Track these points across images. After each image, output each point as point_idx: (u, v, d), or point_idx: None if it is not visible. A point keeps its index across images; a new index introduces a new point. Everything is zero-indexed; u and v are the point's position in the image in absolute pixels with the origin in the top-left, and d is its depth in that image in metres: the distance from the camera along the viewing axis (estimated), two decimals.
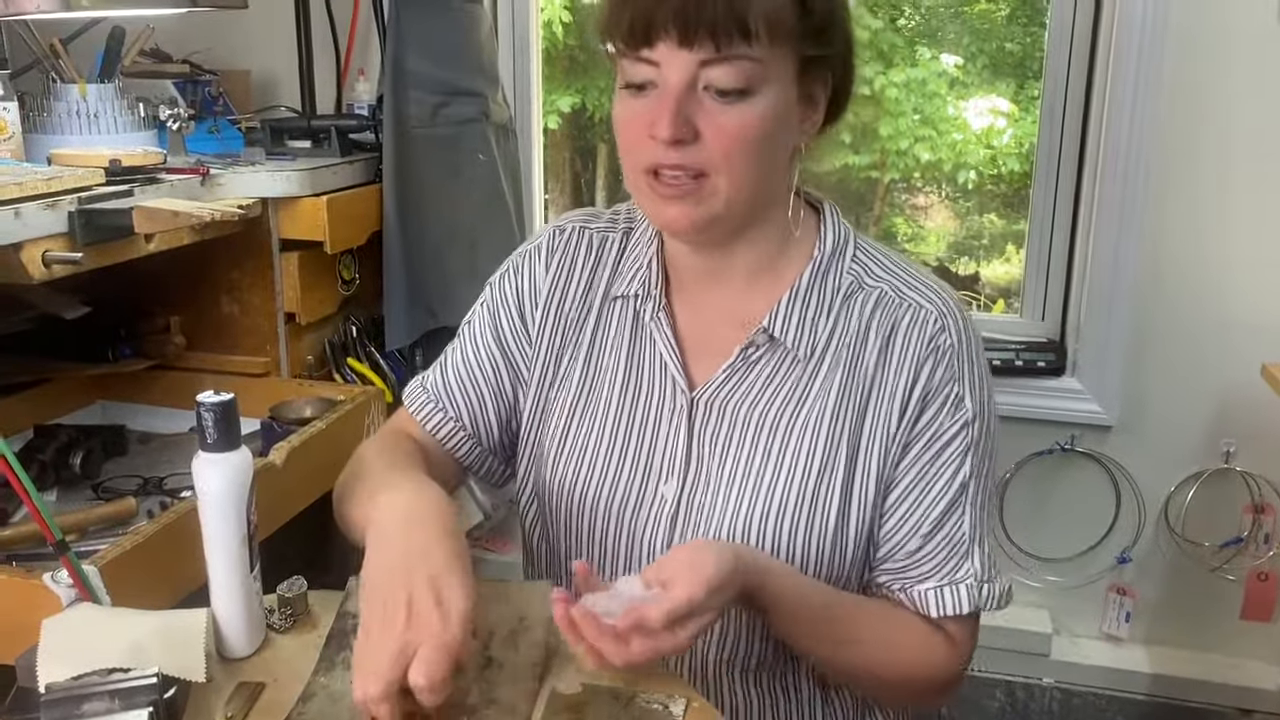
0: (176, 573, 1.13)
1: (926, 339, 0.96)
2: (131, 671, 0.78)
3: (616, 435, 1.01)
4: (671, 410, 1.00)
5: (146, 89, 1.81)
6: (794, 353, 0.97)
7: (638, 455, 1.00)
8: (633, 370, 1.02)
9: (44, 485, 1.48)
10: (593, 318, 1.05)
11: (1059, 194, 2.05)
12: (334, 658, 0.88)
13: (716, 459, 0.98)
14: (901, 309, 0.97)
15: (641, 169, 0.90)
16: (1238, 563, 2.05)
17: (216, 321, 1.74)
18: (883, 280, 0.99)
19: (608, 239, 1.06)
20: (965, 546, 0.96)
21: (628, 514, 1.00)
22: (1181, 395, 2.00)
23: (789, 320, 0.97)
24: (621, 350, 1.03)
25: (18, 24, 1.59)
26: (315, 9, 1.98)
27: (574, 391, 1.04)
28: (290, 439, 1.43)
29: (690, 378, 1.00)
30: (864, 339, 0.97)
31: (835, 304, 0.98)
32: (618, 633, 0.78)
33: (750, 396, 0.98)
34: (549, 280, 1.06)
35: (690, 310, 1.02)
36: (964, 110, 2.72)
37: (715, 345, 0.99)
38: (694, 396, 0.99)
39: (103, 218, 1.34)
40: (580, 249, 1.06)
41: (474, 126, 1.87)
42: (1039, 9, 2.46)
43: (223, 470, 0.87)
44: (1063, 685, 2.14)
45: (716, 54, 0.85)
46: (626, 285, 1.03)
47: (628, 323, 1.03)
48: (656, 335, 1.01)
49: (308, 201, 1.66)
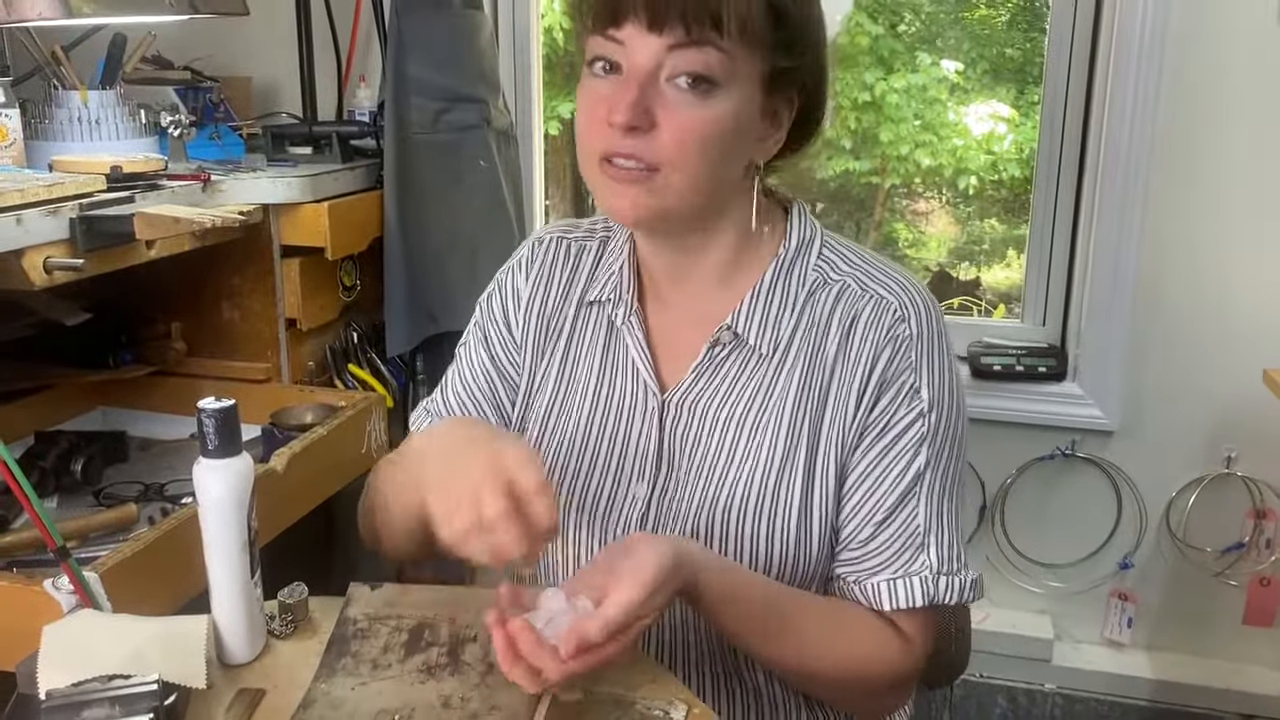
0: (177, 579, 1.13)
1: (885, 328, 0.95)
2: (132, 678, 0.78)
3: (589, 438, 1.02)
4: (643, 412, 1.01)
5: (148, 96, 1.82)
6: (758, 350, 0.97)
7: (609, 457, 1.01)
8: (605, 374, 1.04)
9: (45, 492, 1.48)
10: (568, 324, 1.06)
11: (1059, 199, 2.05)
12: (335, 664, 0.88)
13: (685, 458, 0.99)
14: (864, 300, 0.97)
15: (596, 155, 0.89)
16: (1239, 568, 2.05)
17: (217, 328, 1.74)
18: (846, 274, 0.99)
19: (585, 247, 1.08)
20: (920, 538, 0.95)
21: (599, 515, 1.01)
22: (1183, 400, 2.00)
23: (752, 318, 0.97)
24: (595, 355, 1.04)
25: (19, 31, 1.59)
26: (316, 15, 1.99)
27: (549, 397, 1.06)
28: (291, 445, 1.43)
29: (661, 379, 1.01)
30: (825, 331, 0.97)
31: (799, 300, 0.98)
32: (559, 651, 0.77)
33: (719, 396, 0.99)
34: (529, 289, 1.08)
35: (661, 313, 1.03)
36: (964, 116, 2.73)
37: (685, 346, 1.00)
38: (665, 398, 1.00)
39: (104, 224, 1.34)
40: (558, 257, 1.08)
41: (475, 133, 1.87)
42: (1039, 15, 2.46)
43: (224, 476, 0.86)
44: (1064, 691, 2.14)
45: (686, 38, 0.84)
46: (600, 290, 1.04)
47: (601, 328, 1.05)
48: (628, 338, 1.02)
49: (309, 208, 1.66)
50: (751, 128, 0.91)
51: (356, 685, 0.86)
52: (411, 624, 0.91)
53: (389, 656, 0.88)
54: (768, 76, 0.90)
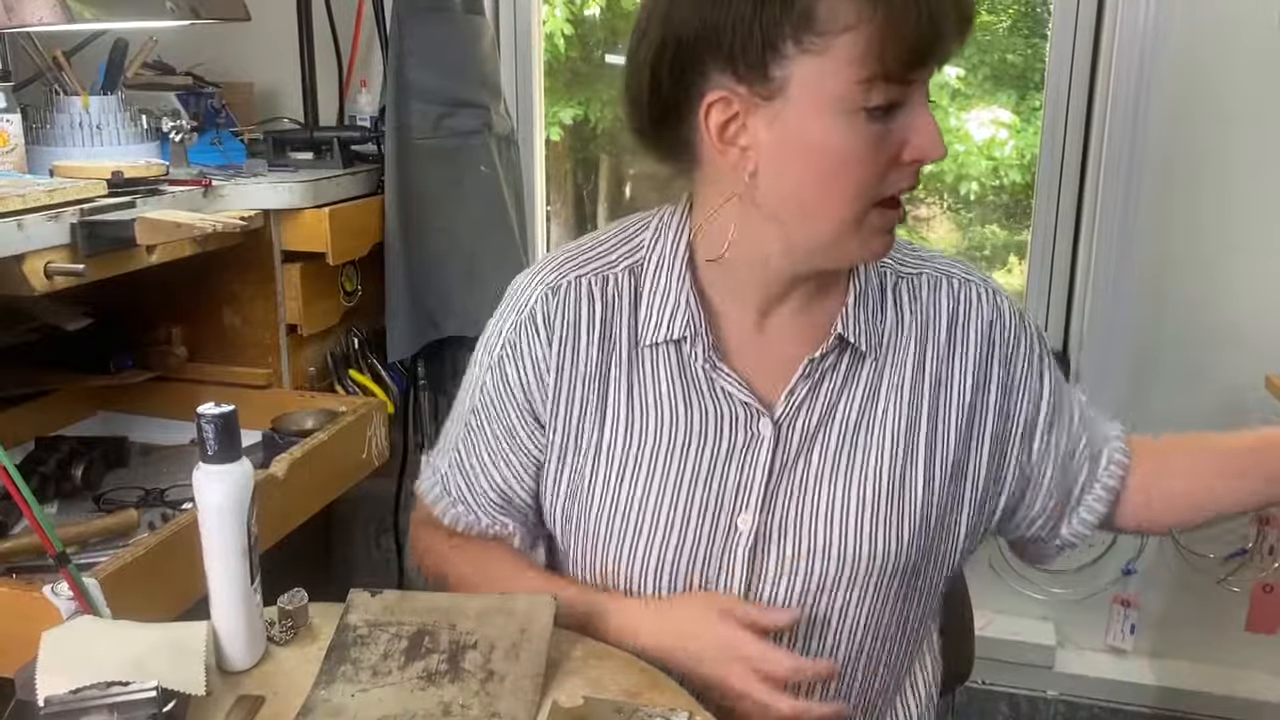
0: (177, 585, 1.12)
1: (988, 305, 1.00)
2: (131, 685, 0.78)
3: (683, 480, 0.97)
4: (747, 439, 0.96)
5: (149, 101, 1.82)
6: (860, 352, 0.97)
7: (707, 494, 0.96)
8: (684, 411, 0.97)
9: (45, 497, 1.47)
10: (623, 370, 0.98)
11: (1061, 205, 2.05)
12: (334, 671, 0.88)
13: (799, 477, 0.96)
14: (956, 286, 1.00)
15: (874, 199, 0.85)
16: (1243, 574, 2.04)
17: (218, 333, 1.74)
18: (921, 265, 1.01)
19: (610, 279, 0.99)
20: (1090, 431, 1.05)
21: (699, 559, 0.97)
22: (1185, 406, 1.99)
23: (858, 322, 0.96)
24: (667, 395, 0.97)
25: (21, 36, 1.59)
26: (318, 21, 1.99)
27: (614, 449, 0.98)
28: (292, 451, 1.43)
29: (763, 403, 0.96)
30: (930, 321, 0.99)
31: (886, 298, 0.99)
32: None
33: (827, 405, 0.97)
34: (556, 349, 0.98)
35: (740, 336, 0.98)
36: (966, 122, 2.73)
37: (776, 363, 0.97)
38: (778, 420, 0.96)
39: (105, 229, 1.34)
40: (583, 302, 0.98)
41: (476, 138, 1.87)
42: (1040, 20, 2.46)
43: (224, 482, 0.86)
44: (1067, 698, 2.13)
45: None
46: (665, 331, 0.96)
47: (672, 366, 0.97)
48: (715, 374, 0.96)
49: (310, 213, 1.66)
50: None
51: (356, 692, 0.85)
52: (411, 631, 0.91)
53: (389, 663, 0.88)
54: None
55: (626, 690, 0.86)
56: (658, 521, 0.97)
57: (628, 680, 0.88)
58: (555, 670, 0.88)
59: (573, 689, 0.86)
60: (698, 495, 0.97)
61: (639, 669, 0.90)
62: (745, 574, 0.96)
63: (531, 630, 0.90)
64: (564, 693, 0.86)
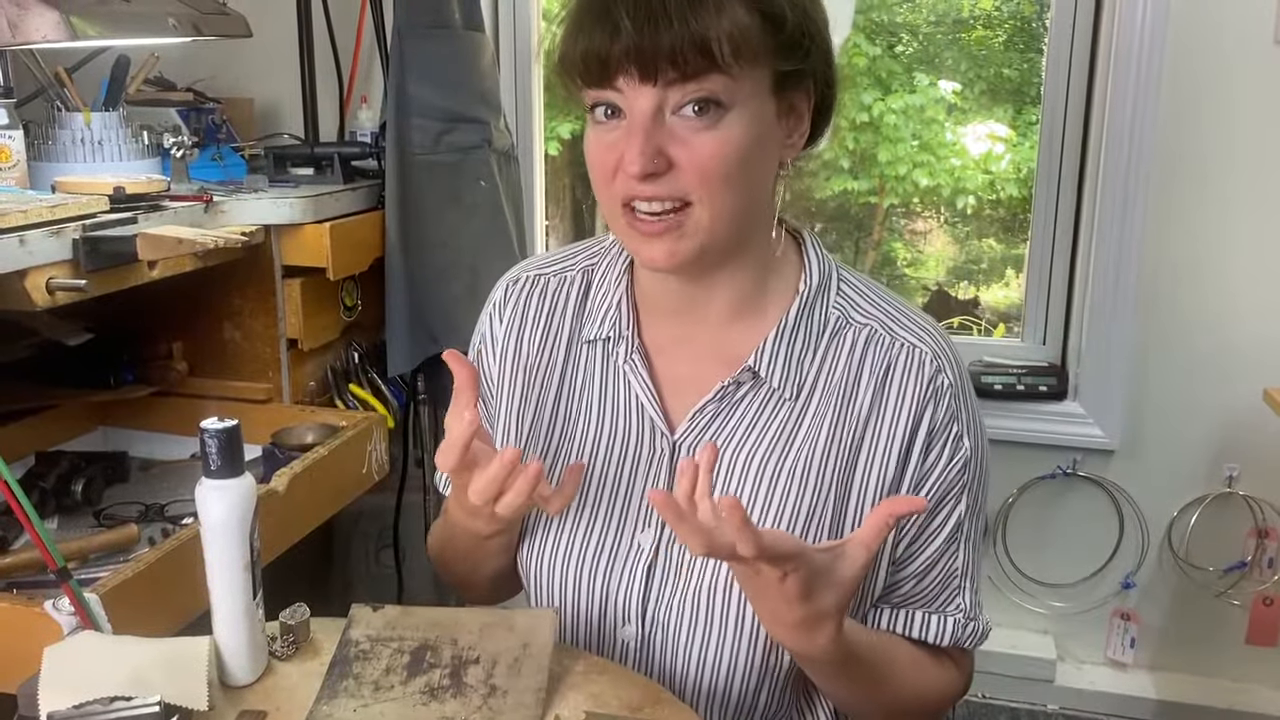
0: (178, 600, 1.12)
1: (926, 379, 0.92)
2: (133, 700, 0.78)
3: (590, 484, 0.97)
4: (650, 454, 0.96)
5: (150, 117, 1.82)
6: (780, 392, 0.93)
7: (613, 503, 0.97)
8: (607, 416, 0.98)
9: (46, 512, 1.47)
10: (558, 367, 1.00)
11: (1059, 218, 2.06)
12: (336, 685, 0.88)
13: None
14: (895, 348, 0.94)
15: (618, 203, 0.86)
16: (1242, 587, 2.05)
17: (219, 348, 1.74)
18: (872, 317, 0.95)
19: (565, 279, 1.03)
20: (958, 582, 0.96)
21: (601, 565, 0.96)
22: (1184, 419, 2.00)
23: (775, 359, 0.93)
24: (594, 397, 0.99)
25: (23, 53, 1.60)
26: (318, 37, 2.00)
27: (544, 443, 1.00)
28: (292, 465, 1.43)
29: (670, 420, 0.96)
30: (856, 380, 0.93)
31: (822, 341, 0.94)
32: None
33: (735, 438, 0.94)
34: (503, 332, 1.03)
35: (667, 349, 0.98)
36: (962, 136, 2.74)
37: (694, 385, 0.95)
38: (676, 440, 0.95)
39: (107, 245, 1.34)
40: (534, 296, 1.03)
41: (477, 153, 1.88)
42: (1036, 35, 2.48)
43: (225, 497, 0.86)
44: (1067, 711, 2.13)
45: (681, 76, 0.80)
46: (596, 329, 0.99)
47: (599, 367, 0.99)
48: (632, 378, 0.97)
49: (310, 228, 1.67)
50: (771, 135, 0.87)
51: (358, 707, 0.85)
52: (413, 645, 0.91)
53: (391, 678, 0.88)
54: (776, 81, 0.85)
55: (628, 705, 0.86)
56: (567, 523, 0.98)
57: (629, 695, 0.88)
58: (557, 685, 0.88)
59: (575, 704, 0.86)
60: (604, 504, 0.97)
61: (641, 683, 0.90)
62: (641, 590, 0.95)
63: (533, 645, 0.90)
64: (566, 707, 0.86)
